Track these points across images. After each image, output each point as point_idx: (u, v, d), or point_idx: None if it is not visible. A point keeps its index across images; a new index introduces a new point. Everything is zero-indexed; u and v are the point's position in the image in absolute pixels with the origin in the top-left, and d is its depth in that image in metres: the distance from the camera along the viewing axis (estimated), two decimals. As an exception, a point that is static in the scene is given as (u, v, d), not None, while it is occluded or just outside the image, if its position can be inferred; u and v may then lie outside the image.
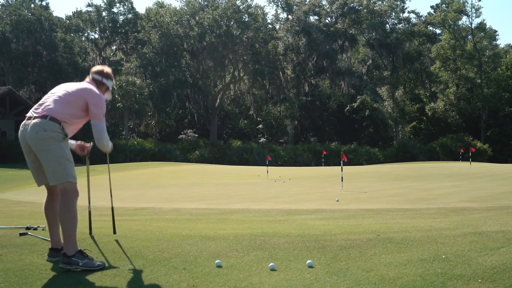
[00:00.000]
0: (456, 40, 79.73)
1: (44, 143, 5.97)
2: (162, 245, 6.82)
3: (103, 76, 6.77)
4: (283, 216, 10.72)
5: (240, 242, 6.86)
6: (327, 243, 6.71)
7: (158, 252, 6.38)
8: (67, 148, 6.15)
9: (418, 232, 7.35)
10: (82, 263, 5.86)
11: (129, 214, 11.53)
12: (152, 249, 6.57)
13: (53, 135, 5.96)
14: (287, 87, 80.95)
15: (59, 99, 6.30)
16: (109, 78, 6.84)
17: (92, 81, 6.71)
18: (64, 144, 6.10)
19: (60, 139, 6.01)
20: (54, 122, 6.02)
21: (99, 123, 6.46)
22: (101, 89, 6.67)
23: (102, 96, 6.51)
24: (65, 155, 6.05)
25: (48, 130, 5.97)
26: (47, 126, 5.99)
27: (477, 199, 13.90)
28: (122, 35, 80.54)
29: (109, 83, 6.83)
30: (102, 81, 6.75)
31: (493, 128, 78.24)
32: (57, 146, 5.99)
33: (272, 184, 23.97)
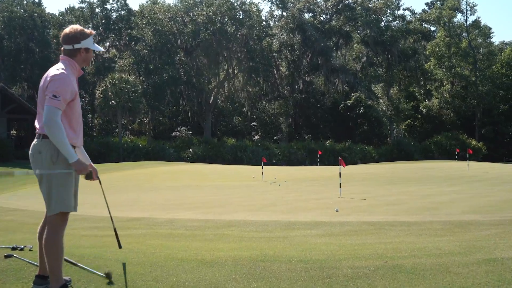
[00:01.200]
0: (451, 37, 79.47)
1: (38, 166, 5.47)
2: (156, 271, 6.41)
3: (71, 40, 5.62)
4: (282, 232, 10.29)
5: (239, 269, 6.46)
6: (332, 271, 6.30)
7: (151, 282, 5.97)
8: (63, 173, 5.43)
9: (428, 257, 6.94)
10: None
11: (123, 227, 11.08)
12: (145, 277, 6.16)
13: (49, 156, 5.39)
14: (281, 84, 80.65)
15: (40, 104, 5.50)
16: (80, 38, 5.65)
17: (66, 54, 5.68)
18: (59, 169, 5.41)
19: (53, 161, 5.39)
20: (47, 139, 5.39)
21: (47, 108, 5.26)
22: (78, 57, 5.66)
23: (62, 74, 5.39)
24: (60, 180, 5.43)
25: (43, 151, 5.42)
26: (40, 146, 5.46)
27: (480, 209, 13.50)
28: (115, 32, 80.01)
29: (83, 43, 5.66)
30: (74, 48, 5.64)
31: (488, 126, 78.08)
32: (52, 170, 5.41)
33: (267, 187, 23.58)
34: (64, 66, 5.55)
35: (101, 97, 62.78)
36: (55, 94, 5.25)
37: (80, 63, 5.72)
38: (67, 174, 5.45)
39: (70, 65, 5.62)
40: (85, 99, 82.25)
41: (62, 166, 5.42)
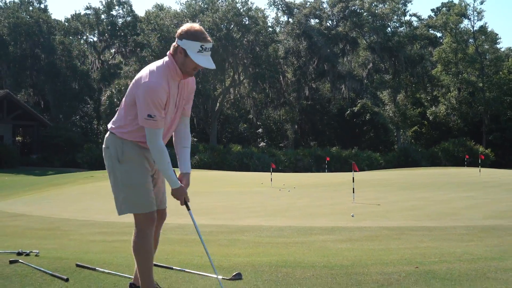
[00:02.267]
0: (458, 43, 79.03)
1: (106, 162, 5.17)
2: (171, 278, 6.02)
3: (177, 35, 5.02)
4: (300, 237, 9.90)
5: (260, 276, 6.05)
6: (360, 277, 5.89)
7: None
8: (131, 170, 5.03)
9: (461, 262, 6.53)
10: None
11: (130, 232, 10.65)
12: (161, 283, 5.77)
13: (113, 153, 5.07)
14: (287, 90, 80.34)
15: (124, 99, 5.17)
16: (183, 36, 4.96)
17: (172, 51, 5.08)
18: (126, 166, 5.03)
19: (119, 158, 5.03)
20: (114, 136, 5.13)
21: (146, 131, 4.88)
22: (177, 56, 4.97)
23: (153, 83, 4.81)
24: (127, 180, 5.04)
25: (110, 147, 5.12)
26: (108, 141, 5.17)
27: (501, 214, 13.09)
28: (121, 38, 79.97)
29: (185, 43, 4.92)
30: (175, 44, 5.01)
31: (495, 132, 77.52)
32: (119, 169, 5.06)
33: (277, 193, 23.19)
34: (162, 66, 5.00)
35: (107, 103, 62.67)
36: (149, 114, 4.78)
37: (180, 66, 4.98)
38: (135, 173, 5.06)
39: (169, 66, 5.00)
40: (90, 106, 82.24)
41: (129, 166, 5.04)
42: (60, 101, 73.41)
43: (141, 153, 5.06)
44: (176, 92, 5.05)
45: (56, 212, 16.19)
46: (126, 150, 5.02)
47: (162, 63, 5.00)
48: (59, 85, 73.08)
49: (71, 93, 74.66)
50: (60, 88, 73.06)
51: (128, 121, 5.02)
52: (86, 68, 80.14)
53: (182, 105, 5.21)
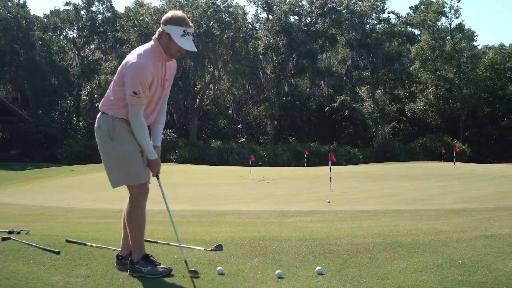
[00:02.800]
0: (435, 40, 79.90)
1: (98, 141, 5.58)
2: (157, 250, 6.43)
3: (163, 21, 5.43)
4: (277, 218, 10.33)
5: (239, 247, 6.49)
6: (332, 247, 6.36)
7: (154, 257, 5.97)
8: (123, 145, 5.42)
9: (426, 235, 7.02)
10: (146, 270, 5.46)
11: (115, 216, 11.06)
12: (147, 254, 6.14)
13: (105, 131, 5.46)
14: (267, 87, 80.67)
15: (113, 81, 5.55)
16: (168, 21, 5.40)
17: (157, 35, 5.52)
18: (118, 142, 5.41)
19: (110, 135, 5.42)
20: (105, 115, 5.51)
21: (129, 106, 5.32)
22: (162, 40, 5.42)
23: (140, 64, 5.25)
24: (120, 155, 5.43)
25: (102, 126, 5.50)
26: (100, 121, 5.56)
27: (472, 199, 13.65)
28: (100, 34, 79.78)
29: (169, 28, 5.37)
30: (160, 29, 5.45)
31: (472, 128, 78.53)
32: (112, 146, 5.45)
33: (257, 184, 23.62)
34: (148, 49, 5.43)
35: (87, 99, 62.62)
36: (134, 91, 5.23)
37: (164, 49, 5.44)
38: (128, 148, 5.46)
39: (154, 49, 5.45)
40: (70, 102, 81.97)
41: (119, 141, 5.43)
42: (40, 97, 73.12)
43: (130, 129, 5.44)
44: (161, 73, 5.53)
45: (41, 201, 16.47)
46: (117, 127, 5.40)
47: (148, 47, 5.46)
48: (38, 80, 72.72)
49: (50, 89, 74.37)
50: (39, 83, 72.73)
51: (117, 100, 5.41)
52: (65, 64, 79.82)
53: (166, 85, 5.66)
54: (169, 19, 5.40)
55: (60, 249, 6.33)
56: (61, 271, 5.55)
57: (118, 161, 5.43)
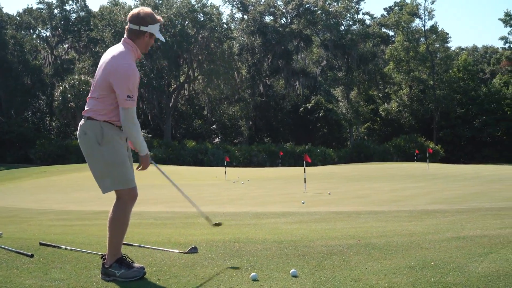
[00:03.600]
0: (409, 42, 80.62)
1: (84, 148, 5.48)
2: (131, 253, 6.39)
3: (140, 22, 5.45)
4: (252, 220, 10.36)
5: (214, 250, 6.50)
6: (307, 249, 6.39)
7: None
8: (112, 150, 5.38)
9: (399, 237, 7.09)
10: (119, 274, 5.39)
11: (89, 218, 11.02)
12: (121, 257, 6.12)
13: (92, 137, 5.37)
14: (242, 87, 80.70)
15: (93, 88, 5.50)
16: (149, 21, 5.47)
17: (129, 36, 5.50)
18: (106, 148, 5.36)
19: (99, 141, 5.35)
20: (92, 120, 5.40)
21: (124, 111, 5.29)
22: (141, 40, 5.49)
23: (129, 68, 5.27)
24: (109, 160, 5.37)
25: (88, 132, 5.40)
26: (85, 128, 5.44)
27: (445, 200, 13.81)
28: (74, 34, 79.19)
29: (151, 27, 5.49)
30: (140, 30, 5.48)
31: (445, 129, 79.31)
32: (100, 151, 5.38)
33: (231, 185, 23.64)
34: (126, 51, 5.43)
35: (60, 99, 62.08)
36: (129, 95, 5.24)
37: (141, 48, 5.54)
38: (116, 153, 5.42)
39: (131, 50, 5.47)
40: (43, 101, 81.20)
41: (108, 146, 5.37)
42: (12, 96, 72.38)
43: (118, 133, 5.43)
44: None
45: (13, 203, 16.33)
46: (105, 132, 5.35)
47: (125, 49, 5.45)
48: (10, 80, 72.05)
49: (23, 88, 73.70)
50: (11, 83, 72.04)
51: (105, 105, 5.36)
52: (38, 63, 79.12)
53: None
54: (148, 18, 5.47)
55: (33, 252, 6.26)
56: (35, 274, 5.49)
57: (108, 166, 5.38)
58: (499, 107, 79.55)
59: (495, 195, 15.56)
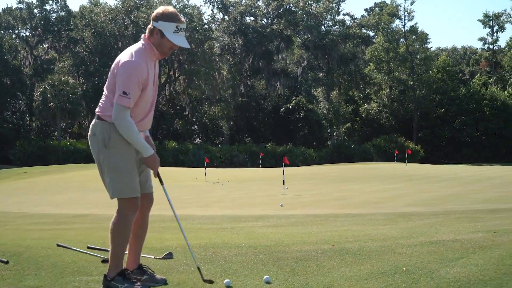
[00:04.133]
0: (389, 42, 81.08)
1: (93, 149, 5.24)
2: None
3: (153, 17, 5.20)
4: (229, 224, 10.40)
5: (189, 255, 6.50)
6: (281, 255, 6.44)
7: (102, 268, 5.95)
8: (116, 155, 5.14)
9: (373, 241, 7.16)
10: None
11: (67, 222, 10.99)
12: (97, 264, 6.14)
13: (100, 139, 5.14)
14: (222, 87, 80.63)
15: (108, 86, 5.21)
16: (160, 18, 5.18)
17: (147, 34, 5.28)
18: (112, 152, 5.13)
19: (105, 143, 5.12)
20: (102, 121, 5.17)
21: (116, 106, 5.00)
22: (153, 37, 5.19)
23: (133, 64, 5.02)
24: (113, 165, 5.15)
25: (97, 133, 5.17)
26: (95, 128, 5.20)
27: (421, 202, 13.93)
28: (54, 33, 78.64)
29: (161, 24, 5.16)
30: (152, 26, 5.21)
31: (425, 129, 79.87)
32: (105, 154, 5.16)
33: (211, 187, 23.67)
34: (141, 48, 5.20)
35: (40, 99, 61.72)
36: (125, 91, 4.95)
37: (156, 46, 5.22)
38: (121, 159, 5.18)
39: (147, 47, 5.22)
40: (23, 102, 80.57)
41: (114, 151, 5.14)
42: (-9, 97, 71.85)
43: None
44: (153, 71, 5.30)
45: (-9, 206, 16.22)
46: (113, 135, 5.11)
47: (140, 46, 5.22)
48: (-11, 80, 71.51)
49: (2, 89, 73.01)
50: (-10, 83, 71.53)
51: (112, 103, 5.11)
52: (18, 63, 78.46)
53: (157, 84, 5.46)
54: (160, 15, 5.17)
55: (8, 259, 6.24)
56: (9, 281, 5.48)
57: (110, 171, 5.18)
58: (478, 107, 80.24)
59: (472, 196, 15.72)
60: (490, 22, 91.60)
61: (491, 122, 78.75)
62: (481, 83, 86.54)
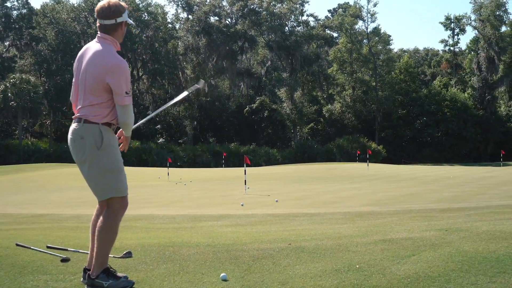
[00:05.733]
0: (353, 43, 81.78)
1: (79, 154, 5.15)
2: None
3: (114, 14, 5.22)
4: (190, 223, 10.50)
5: (148, 254, 6.60)
6: (239, 253, 6.55)
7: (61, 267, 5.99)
8: (109, 156, 5.14)
9: (329, 240, 7.32)
10: (107, 285, 5.18)
11: (27, 222, 10.96)
12: (56, 263, 6.17)
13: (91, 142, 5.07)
14: (186, 87, 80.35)
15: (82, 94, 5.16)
16: (122, 11, 5.25)
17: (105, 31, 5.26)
18: (105, 153, 5.11)
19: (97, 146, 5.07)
20: (90, 124, 5.10)
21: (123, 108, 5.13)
22: (119, 32, 5.30)
23: (122, 63, 5.08)
24: (107, 166, 5.13)
25: (85, 136, 5.09)
26: (82, 131, 5.11)
27: (378, 202, 14.19)
28: (15, 31, 77.54)
29: (124, 16, 5.27)
30: (117, 22, 5.26)
31: (387, 129, 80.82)
32: (98, 156, 5.11)
33: (173, 186, 23.69)
34: (110, 47, 5.22)
35: (1, 98, 60.86)
36: (127, 91, 5.07)
37: (119, 39, 5.34)
38: (114, 159, 5.21)
39: (113, 45, 5.26)
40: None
41: (107, 151, 5.13)
42: (-50, 95, 70.52)
43: (114, 137, 5.28)
44: None
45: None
46: (105, 136, 5.12)
47: (107, 43, 5.24)
48: (-51, 77, 70.23)
49: (-38, 86, 71.85)
50: (-51, 81, 70.24)
51: (103, 106, 5.12)
52: (-22, 60, 77.33)
53: None
54: (122, 9, 5.24)
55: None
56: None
57: (104, 172, 5.15)
58: (439, 108, 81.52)
59: (428, 196, 16.06)
60: (451, 24, 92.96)
61: (452, 123, 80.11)
62: (442, 85, 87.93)
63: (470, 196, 15.85)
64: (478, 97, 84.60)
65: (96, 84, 5.06)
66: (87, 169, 5.18)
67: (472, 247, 6.31)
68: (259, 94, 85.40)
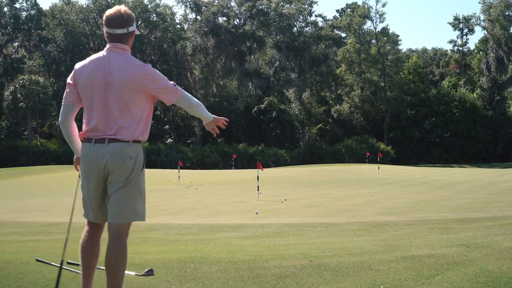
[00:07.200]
0: (361, 44, 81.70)
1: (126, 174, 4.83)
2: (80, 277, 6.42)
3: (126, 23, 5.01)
4: (206, 234, 10.48)
5: (170, 272, 6.57)
6: (261, 271, 6.52)
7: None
8: (144, 177, 4.99)
9: (350, 256, 7.29)
10: None
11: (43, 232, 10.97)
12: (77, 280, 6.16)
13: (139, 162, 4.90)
14: (195, 87, 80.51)
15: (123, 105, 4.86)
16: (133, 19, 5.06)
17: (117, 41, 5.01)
18: (143, 174, 4.96)
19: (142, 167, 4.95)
20: (138, 143, 4.92)
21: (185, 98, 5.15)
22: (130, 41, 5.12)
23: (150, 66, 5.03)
24: (143, 188, 5.00)
25: (134, 156, 4.86)
26: (131, 151, 4.85)
27: (393, 210, 14.14)
28: (24, 32, 77.70)
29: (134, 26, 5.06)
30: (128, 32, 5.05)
31: (396, 130, 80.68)
32: (140, 177, 4.94)
33: (185, 191, 23.68)
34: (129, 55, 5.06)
35: (10, 99, 61.08)
36: (174, 84, 5.06)
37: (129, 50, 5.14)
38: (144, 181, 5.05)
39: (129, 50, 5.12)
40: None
41: (143, 172, 5.00)
42: (-40, 96, 70.81)
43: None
44: None
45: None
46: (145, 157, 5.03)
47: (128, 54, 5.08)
48: (-43, 79, 70.49)
49: (-29, 87, 72.15)
50: (-41, 82, 70.53)
51: (142, 123, 5.00)
52: (-13, 62, 77.52)
53: None
54: (133, 16, 5.06)
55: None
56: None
57: (139, 195, 4.97)
58: (448, 108, 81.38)
59: (442, 203, 16.00)
60: (460, 24, 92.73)
61: (461, 123, 79.94)
62: (451, 85, 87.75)
63: (485, 204, 15.77)
64: (487, 98, 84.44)
65: (133, 96, 4.86)
66: (124, 191, 4.87)
67: (496, 266, 6.26)
68: (267, 95, 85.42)
